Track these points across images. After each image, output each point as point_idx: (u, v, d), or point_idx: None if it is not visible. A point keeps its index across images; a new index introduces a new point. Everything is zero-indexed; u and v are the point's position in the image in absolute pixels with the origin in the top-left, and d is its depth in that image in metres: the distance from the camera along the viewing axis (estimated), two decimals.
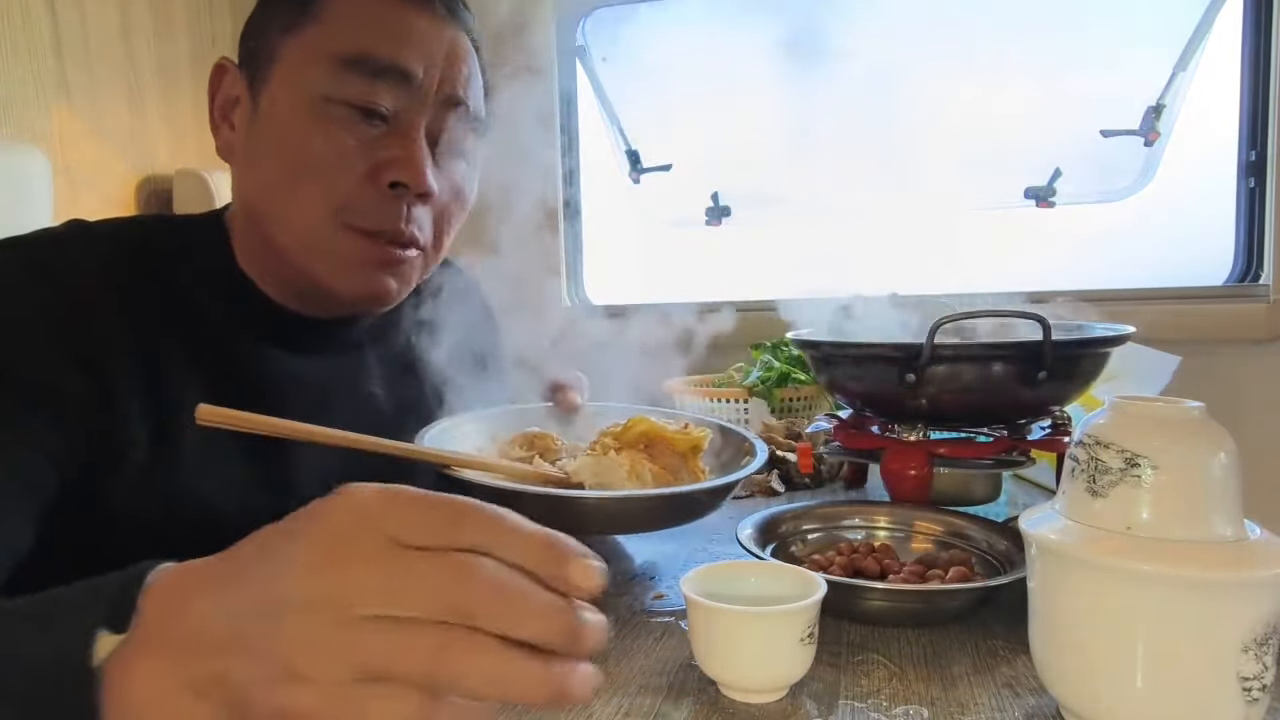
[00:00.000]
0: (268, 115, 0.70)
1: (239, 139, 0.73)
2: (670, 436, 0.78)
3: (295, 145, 0.68)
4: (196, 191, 1.47)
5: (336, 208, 0.68)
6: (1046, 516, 0.50)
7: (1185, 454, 0.45)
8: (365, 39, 0.68)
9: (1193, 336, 1.51)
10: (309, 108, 0.68)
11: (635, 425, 0.78)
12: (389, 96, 0.68)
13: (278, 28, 0.70)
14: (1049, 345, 0.74)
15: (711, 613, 0.53)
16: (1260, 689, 0.43)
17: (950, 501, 0.85)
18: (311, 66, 0.68)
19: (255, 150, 0.71)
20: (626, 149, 1.98)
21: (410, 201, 0.70)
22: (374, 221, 0.69)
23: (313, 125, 0.67)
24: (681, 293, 1.80)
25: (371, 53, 0.67)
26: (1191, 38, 1.63)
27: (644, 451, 0.77)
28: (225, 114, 0.74)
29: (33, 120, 1.31)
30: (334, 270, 0.70)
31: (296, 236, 0.70)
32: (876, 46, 1.83)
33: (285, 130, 0.69)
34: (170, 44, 1.58)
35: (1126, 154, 1.71)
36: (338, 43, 0.68)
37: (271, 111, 0.70)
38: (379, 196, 0.69)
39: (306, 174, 0.68)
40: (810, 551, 0.75)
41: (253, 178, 0.72)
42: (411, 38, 0.69)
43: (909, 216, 1.77)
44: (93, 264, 0.66)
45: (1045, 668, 0.50)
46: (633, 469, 0.74)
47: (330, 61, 0.67)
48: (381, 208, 0.69)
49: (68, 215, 0.73)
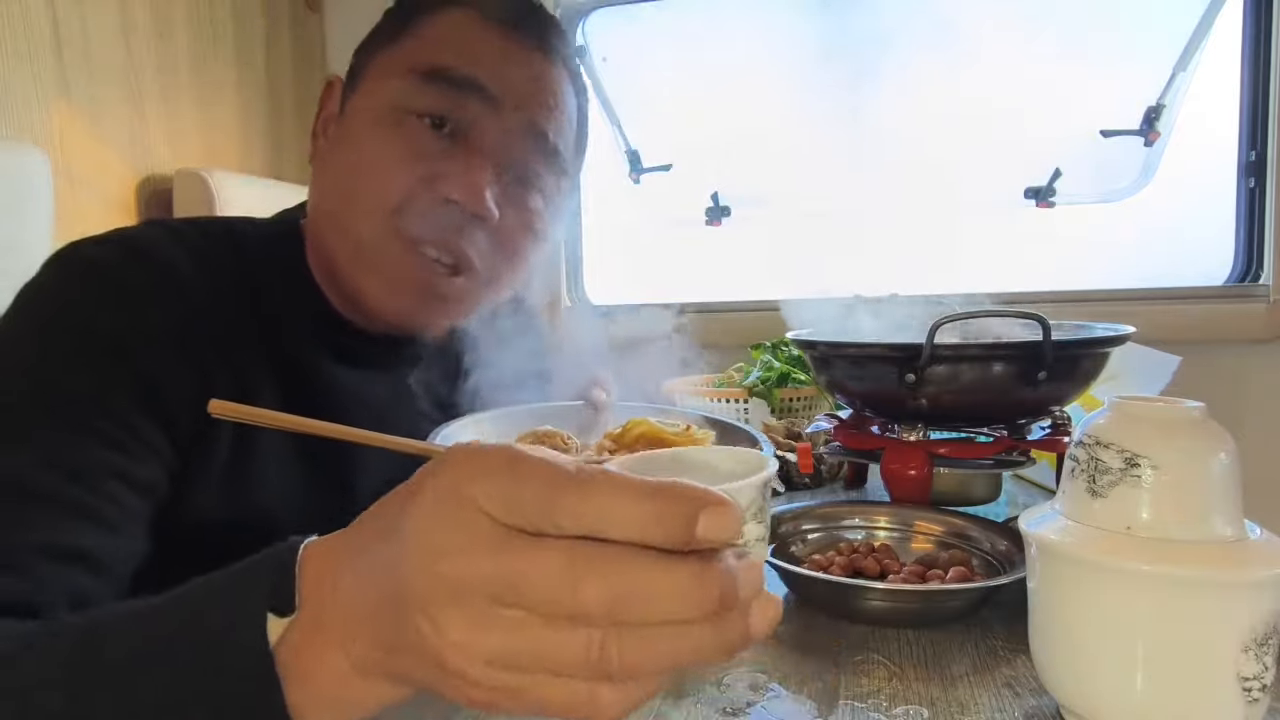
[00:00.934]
0: (346, 125, 0.71)
1: (324, 147, 0.73)
2: (670, 439, 0.78)
3: (361, 150, 0.68)
4: (196, 191, 1.47)
5: (390, 210, 0.67)
6: (1046, 516, 0.50)
7: (1185, 454, 0.45)
8: (446, 54, 0.68)
9: (1193, 336, 1.51)
10: (382, 116, 0.68)
11: (634, 427, 0.78)
12: (461, 112, 0.67)
13: (375, 45, 0.71)
14: (1049, 345, 0.74)
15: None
16: (1260, 689, 0.43)
17: (950, 501, 0.85)
18: (393, 78, 0.68)
19: (331, 158, 0.72)
20: (626, 149, 1.98)
21: (467, 221, 0.68)
22: (425, 229, 0.67)
23: (382, 132, 0.67)
24: (682, 293, 1.80)
25: (449, 67, 0.67)
26: (1191, 38, 1.64)
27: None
28: (325, 127, 0.74)
29: (33, 120, 1.31)
30: (379, 285, 0.69)
31: (348, 242, 0.69)
32: (877, 47, 1.83)
33: (356, 137, 0.69)
34: (170, 44, 1.58)
35: (1126, 154, 1.71)
36: (420, 56, 0.68)
37: (350, 121, 0.70)
38: (434, 208, 0.67)
39: (365, 176, 0.67)
40: (810, 551, 0.75)
41: (319, 184, 0.72)
42: (494, 58, 0.68)
43: (909, 216, 1.77)
44: (197, 266, 0.66)
45: (1045, 668, 0.50)
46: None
47: (410, 73, 0.67)
48: (436, 220, 0.67)
49: (68, 215, 0.73)
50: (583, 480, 0.29)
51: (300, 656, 0.35)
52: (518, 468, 0.30)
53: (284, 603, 0.35)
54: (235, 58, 1.73)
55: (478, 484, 0.30)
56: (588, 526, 0.29)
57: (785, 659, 0.59)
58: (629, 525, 0.29)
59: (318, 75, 1.99)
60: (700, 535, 0.28)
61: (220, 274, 0.67)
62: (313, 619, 0.35)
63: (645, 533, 0.28)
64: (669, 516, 0.28)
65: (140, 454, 0.59)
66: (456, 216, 0.67)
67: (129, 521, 0.57)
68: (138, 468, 0.58)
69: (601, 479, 0.29)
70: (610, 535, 0.29)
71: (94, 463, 0.56)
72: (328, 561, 0.36)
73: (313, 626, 0.35)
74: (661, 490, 0.29)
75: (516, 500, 0.29)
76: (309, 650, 0.35)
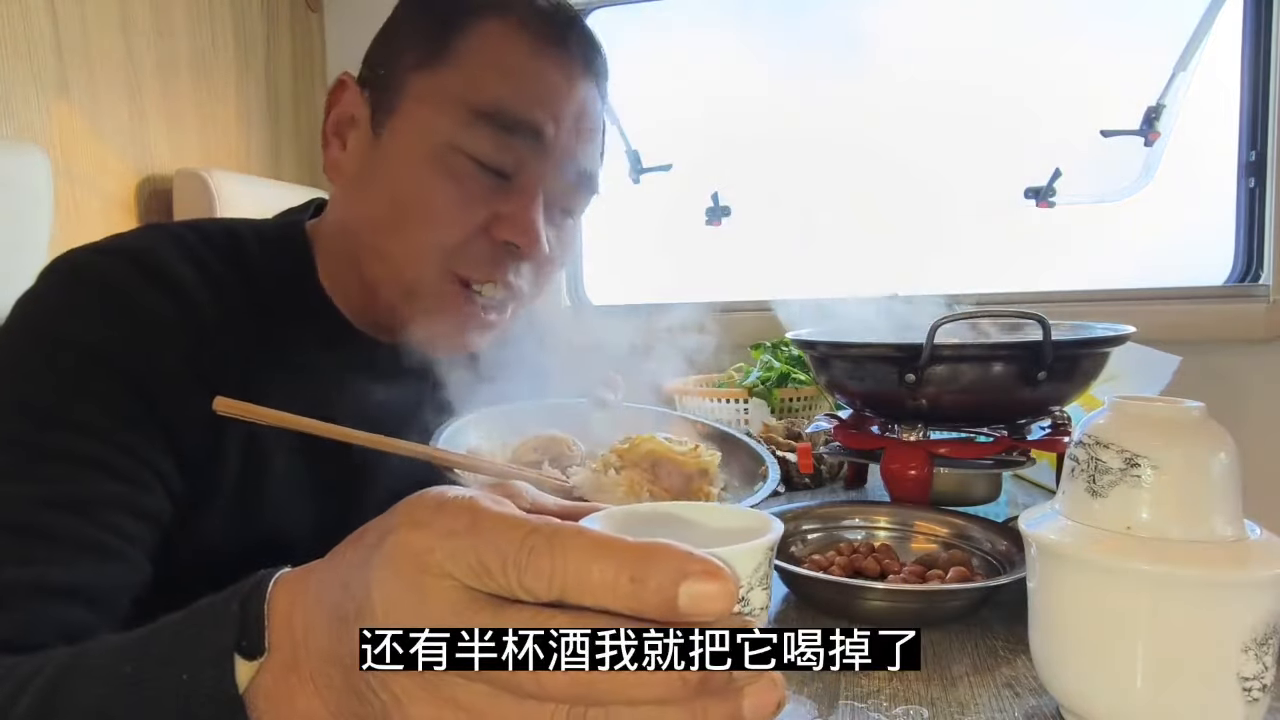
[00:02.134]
0: (390, 151, 0.68)
1: (350, 161, 0.71)
2: (677, 458, 0.77)
3: (414, 188, 0.67)
4: (196, 191, 1.47)
5: (446, 253, 0.67)
6: (1046, 516, 0.50)
7: (1185, 454, 0.45)
8: (500, 91, 0.66)
9: (1193, 336, 1.51)
10: (434, 154, 0.66)
11: (641, 444, 0.77)
12: (514, 154, 0.67)
13: (410, 61, 0.68)
14: (1049, 345, 0.74)
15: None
16: (1260, 689, 0.43)
17: (950, 501, 0.85)
18: (443, 111, 0.66)
19: (369, 181, 0.70)
20: (627, 149, 1.98)
21: (519, 258, 0.69)
22: (481, 273, 0.68)
23: (435, 172, 0.66)
24: (681, 293, 1.80)
25: (505, 108, 0.66)
26: (1191, 38, 1.63)
27: (649, 471, 0.76)
28: (338, 130, 0.72)
29: (33, 120, 1.31)
30: (426, 318, 0.69)
31: (397, 276, 0.68)
32: (877, 47, 1.83)
33: (406, 170, 0.67)
34: (170, 43, 1.58)
35: (1126, 154, 1.71)
36: (471, 92, 0.66)
37: (394, 148, 0.68)
38: (490, 250, 0.68)
39: (421, 219, 0.67)
40: (810, 551, 0.75)
41: (361, 208, 0.71)
42: (547, 93, 0.68)
43: (909, 216, 1.77)
44: (201, 277, 0.65)
45: (1045, 668, 0.50)
46: (630, 489, 0.73)
47: (462, 110, 0.66)
48: (491, 261, 0.68)
49: (68, 215, 0.73)
50: (554, 540, 0.27)
51: (273, 699, 0.34)
52: (481, 526, 0.28)
53: (253, 646, 0.34)
54: (235, 58, 1.73)
55: (441, 548, 0.28)
56: (559, 591, 0.27)
57: None
58: (602, 593, 0.26)
59: (318, 75, 1.99)
60: (683, 609, 0.26)
61: (224, 284, 0.66)
62: (285, 660, 0.34)
63: (620, 602, 0.26)
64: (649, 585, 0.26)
65: (146, 481, 0.58)
66: (512, 257, 0.69)
67: (131, 549, 0.56)
68: (142, 495, 0.58)
69: (574, 539, 0.27)
70: (584, 603, 0.27)
71: (96, 494, 0.55)
72: (298, 602, 0.35)
73: (285, 667, 0.34)
74: (642, 553, 0.26)
75: (483, 564, 0.28)
76: (282, 691, 0.34)
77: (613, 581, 0.26)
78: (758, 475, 0.82)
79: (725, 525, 0.43)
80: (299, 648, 0.34)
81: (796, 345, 0.92)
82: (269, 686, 0.34)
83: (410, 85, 0.68)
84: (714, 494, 0.78)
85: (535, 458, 0.79)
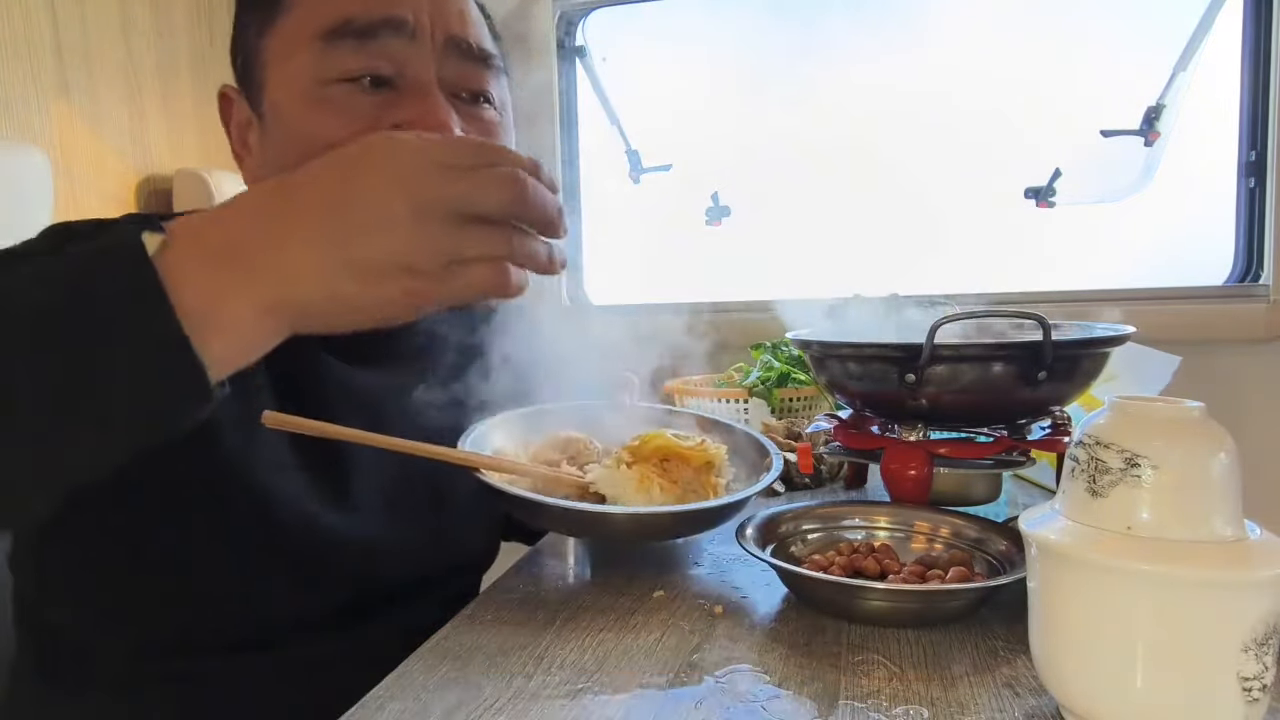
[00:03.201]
0: (271, 121, 0.68)
1: (255, 158, 0.71)
2: (684, 453, 0.80)
3: (302, 138, 0.63)
4: (196, 191, 1.47)
5: None
6: (1046, 516, 0.50)
7: (1185, 454, 0.45)
8: (340, 5, 0.63)
9: (1193, 336, 1.51)
10: (307, 96, 0.64)
11: (651, 441, 0.80)
12: (385, 57, 0.63)
13: (254, 32, 0.68)
14: (1049, 345, 0.73)
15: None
16: (1260, 689, 0.43)
17: (950, 501, 0.85)
18: (296, 54, 0.64)
19: (268, 160, 0.69)
20: (627, 149, 1.98)
21: None
22: None
23: (315, 112, 0.64)
24: (682, 293, 1.80)
25: (351, 16, 0.63)
26: (1191, 38, 1.64)
27: (659, 466, 0.78)
28: (243, 141, 0.72)
29: (33, 120, 1.31)
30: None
31: None
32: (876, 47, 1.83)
33: (289, 127, 0.66)
34: (170, 43, 1.58)
35: (1126, 154, 1.71)
36: (314, 19, 0.64)
37: (274, 116, 0.67)
38: None
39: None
40: (810, 551, 0.75)
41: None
42: None
43: (908, 216, 1.77)
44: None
45: (1045, 668, 0.50)
46: (640, 483, 0.76)
47: (313, 41, 0.63)
48: None
49: (68, 215, 0.73)
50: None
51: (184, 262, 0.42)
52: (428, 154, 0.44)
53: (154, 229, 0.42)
54: None
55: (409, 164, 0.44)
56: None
57: (785, 659, 0.59)
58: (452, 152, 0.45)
59: None
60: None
61: None
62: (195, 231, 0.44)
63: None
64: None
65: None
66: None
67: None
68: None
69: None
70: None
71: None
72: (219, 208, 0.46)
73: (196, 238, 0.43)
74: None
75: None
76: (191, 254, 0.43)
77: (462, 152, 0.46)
78: (763, 466, 0.85)
79: None
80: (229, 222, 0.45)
81: (796, 345, 0.92)
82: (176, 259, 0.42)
83: (263, 53, 0.67)
84: (721, 485, 0.80)
85: (555, 456, 0.82)
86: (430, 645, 0.62)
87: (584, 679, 0.56)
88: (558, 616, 0.67)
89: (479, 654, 0.60)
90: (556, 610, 0.68)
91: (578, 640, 0.62)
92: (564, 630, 0.64)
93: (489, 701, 0.53)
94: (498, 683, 0.56)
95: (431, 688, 0.55)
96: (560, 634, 0.63)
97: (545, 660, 0.59)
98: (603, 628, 0.64)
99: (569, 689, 0.55)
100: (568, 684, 0.55)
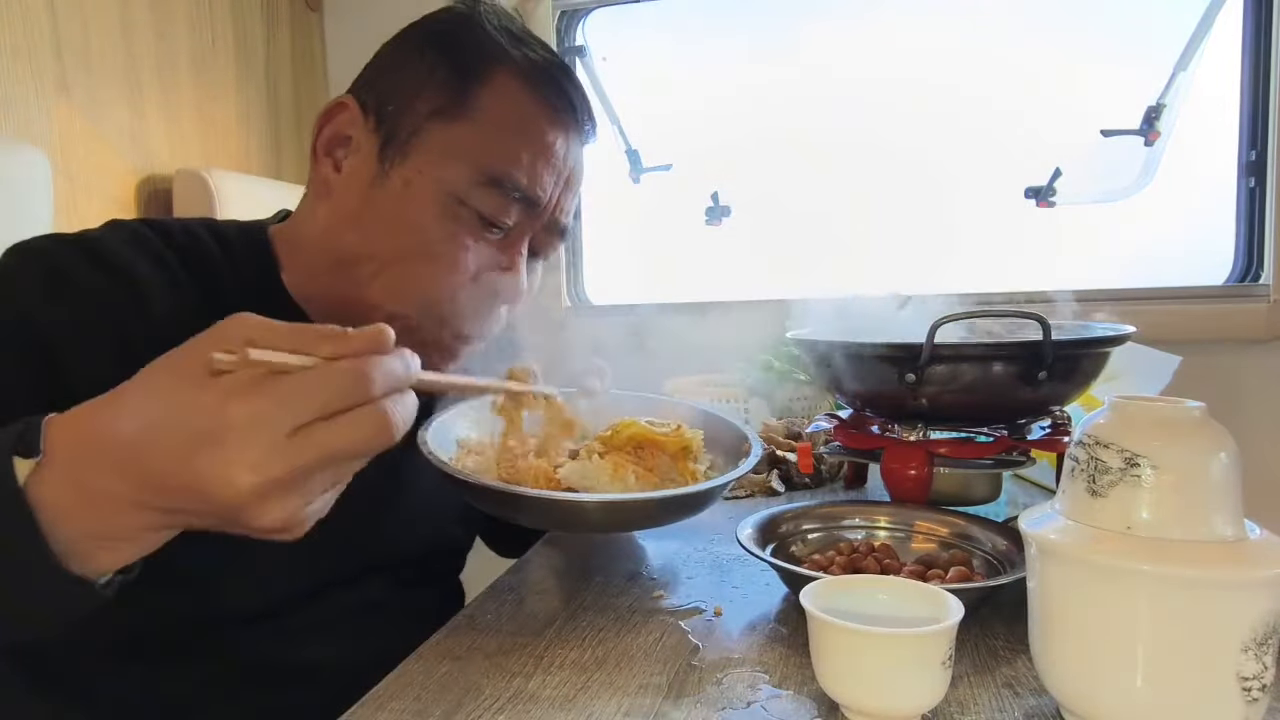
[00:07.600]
0: (398, 190, 0.70)
1: (343, 184, 0.73)
2: (659, 439, 0.78)
3: (420, 230, 0.70)
4: (196, 191, 1.47)
5: (441, 300, 0.71)
6: (1046, 516, 0.50)
7: (1185, 454, 0.45)
8: (512, 160, 0.70)
9: (1193, 336, 1.51)
10: (442, 203, 0.70)
11: (624, 429, 0.78)
12: (512, 216, 0.72)
13: (425, 108, 0.71)
14: (1049, 345, 0.73)
15: (853, 635, 0.49)
16: (1260, 689, 0.43)
17: (950, 501, 0.85)
18: (455, 166, 0.70)
19: (369, 210, 0.72)
20: (627, 149, 1.98)
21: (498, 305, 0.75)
22: (468, 322, 0.73)
23: (442, 219, 0.70)
24: (682, 292, 1.80)
25: (515, 178, 0.70)
26: (1191, 38, 1.63)
27: (633, 454, 0.77)
28: (330, 149, 0.73)
29: (33, 120, 1.31)
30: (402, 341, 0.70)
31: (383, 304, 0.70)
32: (877, 47, 1.83)
33: (412, 213, 0.70)
34: (170, 44, 1.58)
35: (1126, 154, 1.71)
36: (485, 155, 0.70)
37: (403, 189, 0.70)
38: (481, 300, 0.73)
39: (422, 260, 0.71)
40: (810, 551, 0.75)
41: (356, 233, 0.72)
42: (551, 163, 0.72)
43: (909, 216, 1.77)
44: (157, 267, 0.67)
45: (1045, 668, 0.50)
46: (615, 472, 0.75)
47: (475, 170, 0.70)
48: (476, 313, 0.73)
49: (68, 215, 0.73)
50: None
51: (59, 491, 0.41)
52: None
53: (30, 448, 0.41)
54: (235, 58, 1.73)
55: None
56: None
57: (785, 659, 0.59)
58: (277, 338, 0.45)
59: (318, 75, 1.99)
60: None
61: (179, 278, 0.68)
62: (70, 458, 0.41)
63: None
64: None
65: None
66: (493, 305, 0.74)
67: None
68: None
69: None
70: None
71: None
72: (82, 411, 0.43)
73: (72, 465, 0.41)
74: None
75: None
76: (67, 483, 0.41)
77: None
78: (741, 452, 0.84)
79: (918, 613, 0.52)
80: (88, 443, 0.42)
81: (797, 345, 0.92)
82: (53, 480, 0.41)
83: (426, 133, 0.71)
84: (699, 471, 0.79)
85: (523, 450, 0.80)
86: (430, 645, 0.62)
87: (584, 679, 0.56)
88: (558, 616, 0.67)
89: (479, 654, 0.60)
90: (556, 610, 0.68)
91: (578, 640, 0.62)
92: (564, 630, 0.64)
93: (489, 701, 0.53)
94: (498, 683, 0.56)
95: (431, 688, 0.55)
96: (560, 634, 0.63)
97: (545, 660, 0.59)
98: (603, 628, 0.64)
99: (569, 689, 0.55)
100: (568, 684, 0.55)
